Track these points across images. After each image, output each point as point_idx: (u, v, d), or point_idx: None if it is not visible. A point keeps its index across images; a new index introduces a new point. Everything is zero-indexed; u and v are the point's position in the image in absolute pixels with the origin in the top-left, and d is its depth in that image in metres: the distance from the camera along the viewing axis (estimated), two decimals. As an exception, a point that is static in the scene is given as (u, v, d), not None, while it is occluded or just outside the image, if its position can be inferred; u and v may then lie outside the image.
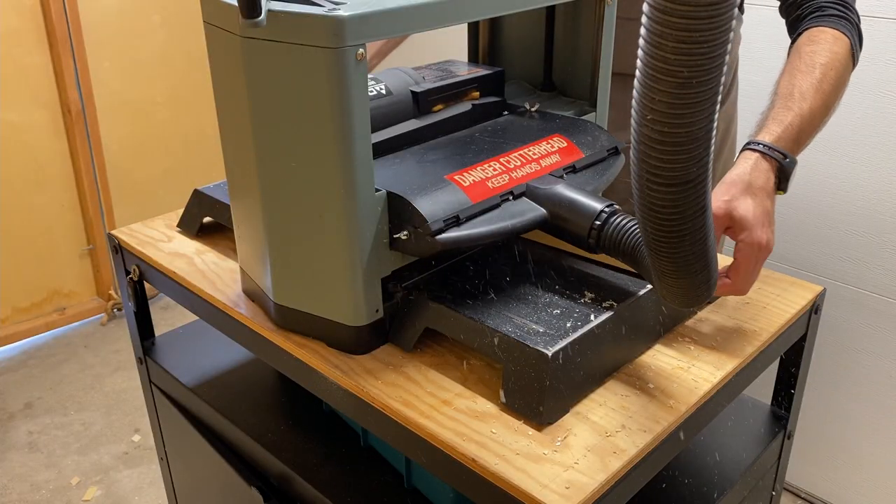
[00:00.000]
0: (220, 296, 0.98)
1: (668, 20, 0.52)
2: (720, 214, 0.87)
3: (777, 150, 0.93)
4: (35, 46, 2.51)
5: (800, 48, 1.07)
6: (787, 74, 1.04)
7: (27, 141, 2.56)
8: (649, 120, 0.57)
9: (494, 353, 0.78)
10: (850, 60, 1.07)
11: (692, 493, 0.93)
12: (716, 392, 0.81)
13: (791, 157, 0.94)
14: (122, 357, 2.65)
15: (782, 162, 0.93)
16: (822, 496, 1.96)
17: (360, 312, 0.83)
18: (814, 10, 1.10)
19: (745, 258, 0.86)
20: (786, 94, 1.01)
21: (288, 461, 0.98)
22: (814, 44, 1.06)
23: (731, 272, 0.87)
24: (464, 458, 0.72)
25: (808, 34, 1.08)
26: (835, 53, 1.04)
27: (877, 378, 1.77)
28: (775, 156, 0.93)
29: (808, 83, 1.01)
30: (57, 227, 2.70)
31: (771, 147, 0.94)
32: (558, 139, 0.95)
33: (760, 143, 0.94)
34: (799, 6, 1.12)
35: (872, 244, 1.70)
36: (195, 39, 2.80)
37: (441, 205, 0.79)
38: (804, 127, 0.98)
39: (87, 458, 2.19)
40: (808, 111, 0.98)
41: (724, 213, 0.87)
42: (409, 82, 0.98)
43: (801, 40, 1.08)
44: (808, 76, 1.01)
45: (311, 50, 0.72)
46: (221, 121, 0.88)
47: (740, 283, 0.87)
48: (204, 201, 1.13)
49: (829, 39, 1.06)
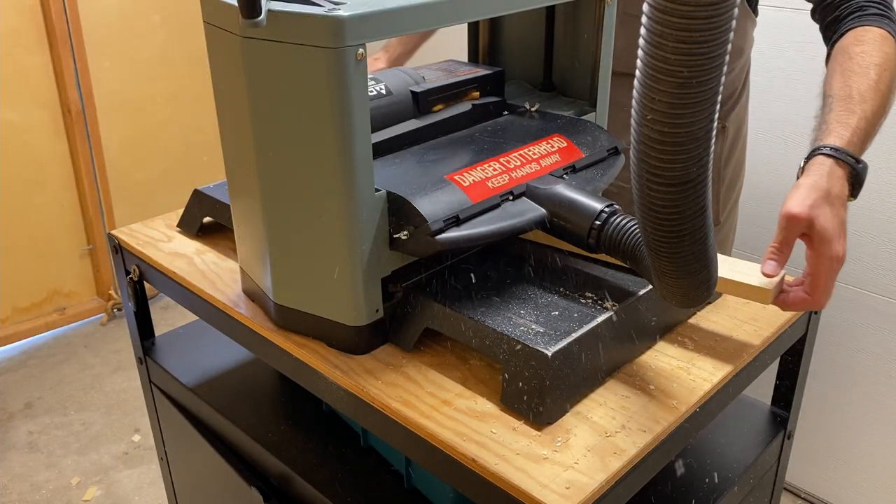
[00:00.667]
0: (220, 296, 0.98)
1: (668, 20, 0.52)
2: (802, 217, 0.83)
3: (849, 155, 0.89)
4: (35, 46, 2.51)
5: (848, 49, 1.03)
6: (840, 76, 1.00)
7: (27, 141, 2.56)
8: (649, 120, 0.57)
9: (494, 353, 0.78)
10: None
11: (692, 493, 0.93)
12: (716, 392, 0.81)
13: (864, 163, 0.90)
14: (122, 357, 2.65)
15: (855, 167, 0.89)
16: (822, 496, 1.96)
17: (360, 312, 0.83)
18: (854, 10, 1.07)
19: (826, 272, 0.84)
20: (844, 97, 0.97)
21: (288, 461, 0.98)
22: (863, 44, 1.03)
23: (811, 287, 0.84)
24: (464, 458, 0.72)
25: (853, 34, 1.05)
26: (886, 53, 1.02)
27: (877, 378, 1.77)
28: (848, 161, 0.89)
29: (866, 84, 0.97)
30: (57, 227, 2.70)
31: (843, 151, 0.89)
32: (558, 139, 0.95)
33: (830, 147, 0.90)
34: (836, 7, 1.09)
35: (872, 244, 1.70)
36: (195, 39, 2.80)
37: (441, 205, 0.79)
38: (868, 129, 0.95)
39: (87, 458, 2.20)
40: (871, 113, 0.95)
41: (807, 217, 0.83)
42: (409, 82, 0.98)
43: (848, 41, 1.05)
44: (863, 77, 0.98)
45: (311, 50, 0.72)
46: (221, 121, 0.88)
47: (819, 296, 0.84)
48: (204, 201, 1.13)
49: (877, 39, 1.03)
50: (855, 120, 0.93)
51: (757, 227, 1.76)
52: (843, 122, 0.93)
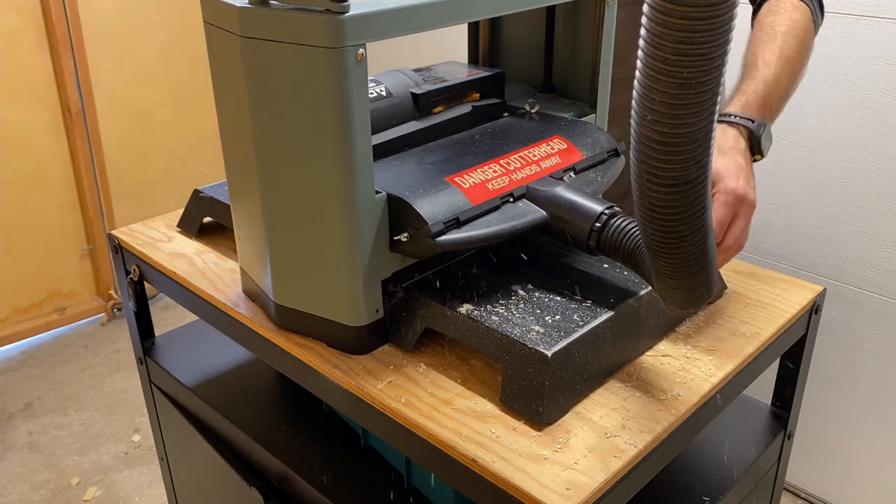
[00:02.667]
0: (220, 296, 0.98)
1: (668, 21, 0.52)
2: None
3: (743, 118, 0.97)
4: (35, 46, 2.51)
5: (760, 20, 1.10)
6: (751, 46, 1.07)
7: (27, 141, 2.56)
8: (649, 121, 0.57)
9: (494, 353, 0.78)
10: (812, 26, 1.10)
11: (692, 493, 0.93)
12: (716, 392, 0.81)
13: (759, 121, 0.97)
14: (122, 357, 2.65)
15: (750, 127, 0.96)
16: (822, 496, 1.96)
17: (360, 313, 0.83)
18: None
19: (722, 207, 0.87)
20: (750, 65, 1.04)
21: (288, 461, 0.98)
22: (773, 14, 1.09)
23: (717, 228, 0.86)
24: (464, 458, 0.72)
25: (767, 6, 1.12)
26: (794, 21, 1.08)
27: (877, 378, 1.78)
28: (743, 122, 0.96)
29: (770, 51, 1.04)
30: (57, 227, 2.70)
31: (736, 115, 0.97)
32: (558, 141, 0.95)
33: (726, 114, 0.97)
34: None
35: (872, 244, 1.70)
36: (195, 39, 2.80)
37: (441, 207, 0.79)
38: (769, 91, 1.01)
39: (87, 458, 2.20)
40: (773, 77, 1.02)
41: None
42: (409, 84, 0.98)
43: (762, 12, 1.11)
44: (769, 45, 1.05)
45: (311, 50, 0.72)
46: (221, 121, 0.88)
47: (728, 238, 0.88)
48: (204, 201, 1.13)
49: (787, 9, 1.09)
50: (753, 85, 1.01)
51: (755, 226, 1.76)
52: (742, 89, 1.02)
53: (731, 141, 0.94)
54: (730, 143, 0.94)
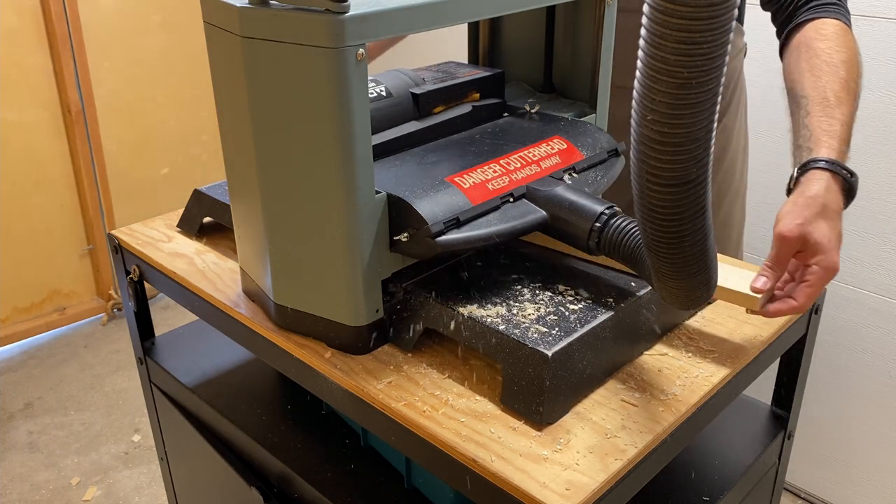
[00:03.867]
0: (220, 296, 0.98)
1: (668, 20, 0.52)
2: (793, 237, 0.83)
3: (842, 167, 0.89)
4: (35, 46, 2.51)
5: (811, 44, 1.02)
6: (810, 74, 0.99)
7: (27, 141, 2.56)
8: (649, 120, 0.57)
9: (494, 353, 0.78)
10: (859, 51, 1.03)
11: (692, 493, 0.93)
12: (716, 392, 0.81)
13: (856, 175, 0.90)
14: (122, 357, 2.65)
15: (848, 179, 0.89)
16: (822, 496, 1.96)
17: (360, 313, 0.83)
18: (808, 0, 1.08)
19: (819, 282, 0.84)
20: (821, 99, 0.96)
21: (288, 461, 0.98)
22: (826, 39, 1.02)
23: (800, 294, 0.84)
24: (464, 458, 0.72)
25: (813, 27, 1.04)
26: (850, 48, 1.01)
27: (877, 378, 1.78)
28: (842, 174, 0.89)
29: (839, 84, 0.96)
30: (57, 227, 2.70)
31: (837, 164, 0.89)
32: (558, 141, 0.95)
33: (825, 160, 0.89)
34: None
35: (872, 244, 1.70)
36: (195, 39, 2.80)
37: (441, 207, 0.79)
38: (849, 135, 0.94)
39: (87, 458, 2.20)
40: (849, 115, 0.95)
41: (798, 237, 0.83)
42: (410, 84, 0.98)
43: (809, 34, 1.04)
44: (834, 76, 0.97)
45: (311, 50, 0.72)
46: (221, 121, 0.88)
47: (807, 304, 0.85)
48: (204, 201, 1.13)
49: (839, 33, 1.02)
50: (838, 127, 0.93)
51: (754, 226, 1.76)
52: (828, 130, 0.92)
53: (836, 200, 0.87)
54: (834, 204, 0.86)
